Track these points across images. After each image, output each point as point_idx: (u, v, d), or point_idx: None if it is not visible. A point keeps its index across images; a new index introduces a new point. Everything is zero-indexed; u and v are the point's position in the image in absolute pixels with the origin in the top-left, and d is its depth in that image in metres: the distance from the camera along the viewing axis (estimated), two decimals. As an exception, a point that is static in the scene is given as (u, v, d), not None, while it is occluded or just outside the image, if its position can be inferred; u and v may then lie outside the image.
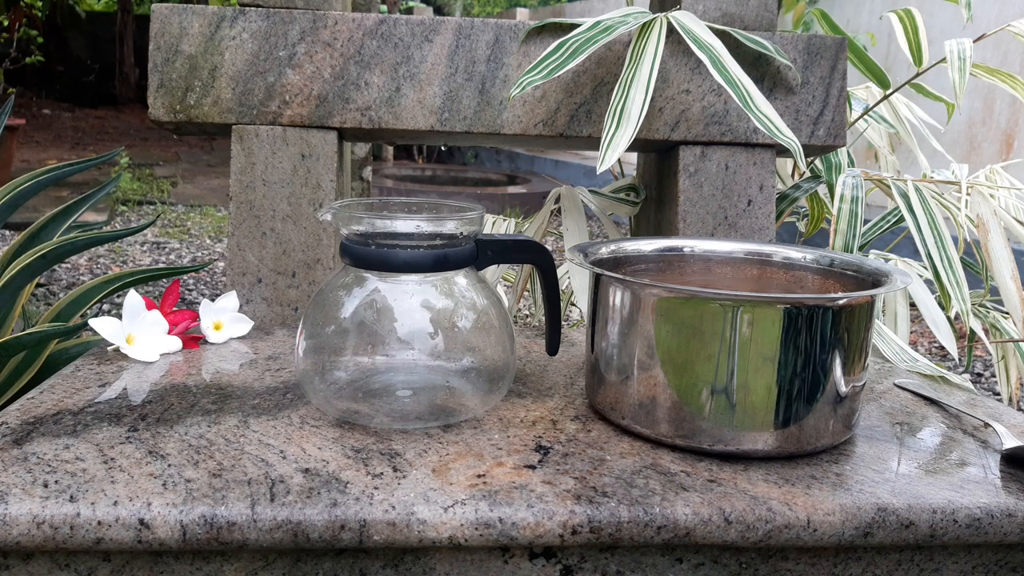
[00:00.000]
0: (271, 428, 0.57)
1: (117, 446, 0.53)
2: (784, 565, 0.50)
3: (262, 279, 0.91)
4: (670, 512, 0.48)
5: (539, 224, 1.07)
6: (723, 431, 0.54)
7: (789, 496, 0.50)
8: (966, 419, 0.66)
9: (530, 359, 0.77)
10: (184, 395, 0.63)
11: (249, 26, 0.90)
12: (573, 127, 0.93)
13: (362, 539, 0.46)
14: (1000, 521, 0.50)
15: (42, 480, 0.48)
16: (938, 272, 0.91)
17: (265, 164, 0.91)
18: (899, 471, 0.55)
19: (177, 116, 0.90)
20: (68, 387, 0.64)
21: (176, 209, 3.90)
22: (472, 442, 0.56)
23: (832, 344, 0.54)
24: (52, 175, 1.02)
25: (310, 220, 0.91)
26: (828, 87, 0.96)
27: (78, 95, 8.43)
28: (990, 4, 3.06)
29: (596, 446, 0.57)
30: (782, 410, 0.54)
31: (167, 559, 0.47)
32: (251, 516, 0.46)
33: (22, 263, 0.89)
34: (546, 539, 0.47)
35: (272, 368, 0.71)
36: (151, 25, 0.90)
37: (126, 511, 0.45)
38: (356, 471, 0.51)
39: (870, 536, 0.49)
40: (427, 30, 0.92)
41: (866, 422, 0.63)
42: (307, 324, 0.59)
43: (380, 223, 0.57)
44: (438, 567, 0.48)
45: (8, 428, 0.56)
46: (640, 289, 0.57)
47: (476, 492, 0.49)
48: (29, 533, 0.45)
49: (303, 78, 0.90)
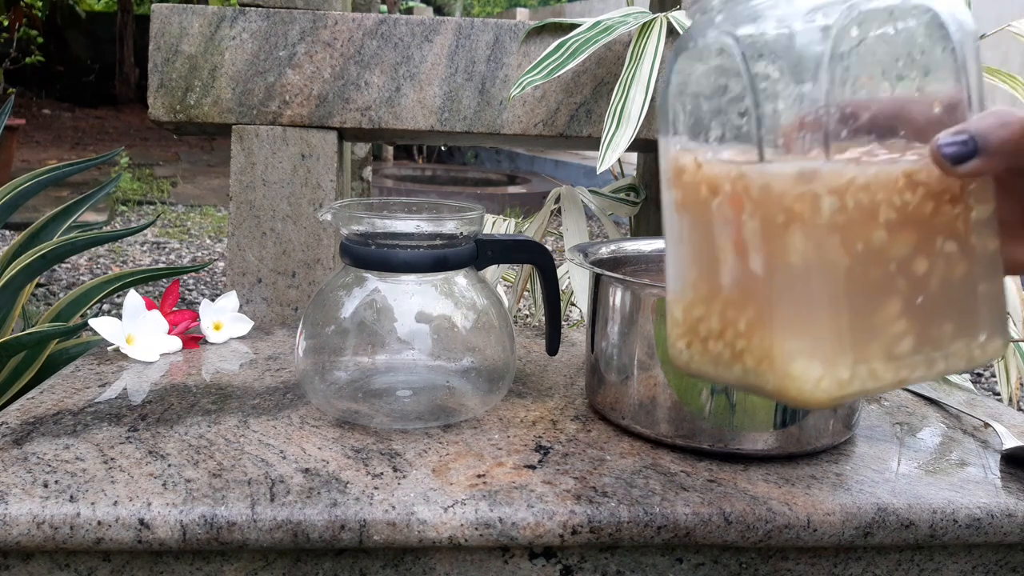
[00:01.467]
0: (271, 428, 0.57)
1: (117, 446, 0.53)
2: (784, 565, 0.50)
3: (262, 279, 0.91)
4: (670, 512, 0.48)
5: (539, 224, 1.07)
6: (723, 431, 0.54)
7: (789, 496, 0.50)
8: (966, 419, 0.66)
9: (530, 359, 0.77)
10: (184, 395, 0.63)
11: (249, 26, 0.90)
12: (573, 127, 0.93)
13: (362, 539, 0.46)
14: (1000, 521, 0.50)
15: (42, 480, 0.48)
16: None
17: (265, 164, 0.91)
18: (899, 471, 0.55)
19: (177, 116, 0.90)
20: (68, 387, 0.64)
21: (176, 209, 3.91)
22: (472, 442, 0.56)
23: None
24: (52, 175, 1.02)
25: (310, 220, 0.91)
26: (828, 87, 0.96)
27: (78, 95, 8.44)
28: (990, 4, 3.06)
29: (596, 446, 0.57)
30: (782, 410, 0.54)
31: (167, 559, 0.47)
32: (251, 516, 0.46)
33: (22, 263, 0.89)
34: (546, 539, 0.47)
35: (272, 368, 0.71)
36: (151, 25, 0.90)
37: (126, 511, 0.45)
38: (356, 471, 0.51)
39: (870, 536, 0.49)
40: (427, 30, 0.92)
41: (866, 422, 0.63)
42: (307, 324, 0.59)
43: (380, 223, 0.57)
44: (438, 567, 0.48)
45: (8, 428, 0.56)
46: (640, 289, 0.57)
47: (476, 492, 0.49)
48: (29, 533, 0.45)
49: (303, 78, 0.90)
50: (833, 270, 0.35)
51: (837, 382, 0.35)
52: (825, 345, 0.35)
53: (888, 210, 0.35)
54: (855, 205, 0.34)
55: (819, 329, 0.35)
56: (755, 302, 0.37)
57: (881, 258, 0.36)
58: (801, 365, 0.35)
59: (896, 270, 0.36)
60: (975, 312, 0.38)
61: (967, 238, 0.37)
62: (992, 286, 0.38)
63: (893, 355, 0.36)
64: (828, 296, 0.35)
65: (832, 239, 0.34)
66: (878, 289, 0.36)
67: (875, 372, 0.36)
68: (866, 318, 0.36)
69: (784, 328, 0.35)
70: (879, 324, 0.36)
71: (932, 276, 0.37)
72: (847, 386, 0.35)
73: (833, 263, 0.35)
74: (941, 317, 0.37)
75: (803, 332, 0.35)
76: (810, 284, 0.35)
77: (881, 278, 0.36)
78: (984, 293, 0.38)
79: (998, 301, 0.39)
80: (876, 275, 0.36)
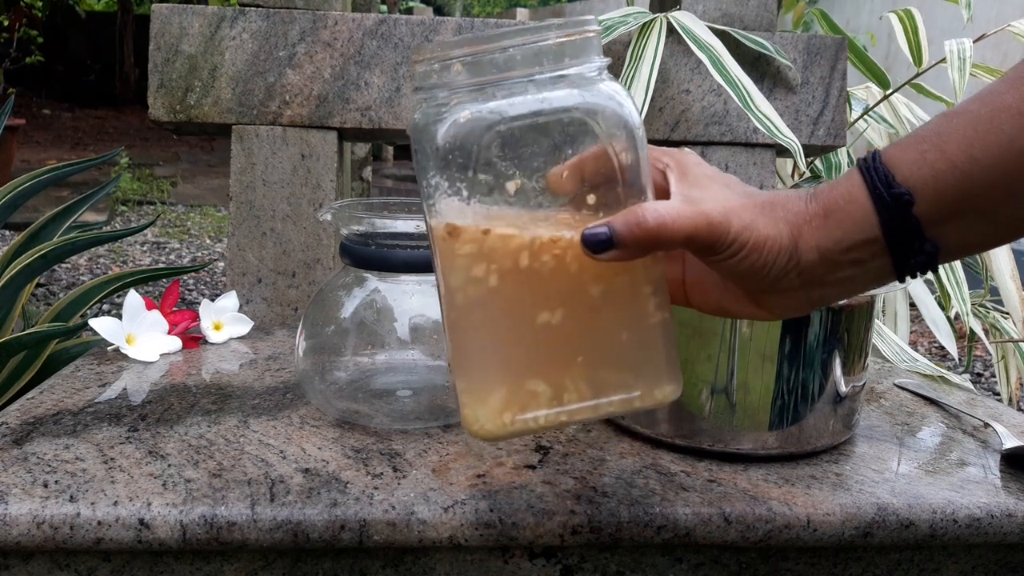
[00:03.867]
0: (271, 428, 0.57)
1: (117, 446, 0.53)
2: (784, 565, 0.50)
3: (262, 279, 0.91)
4: (670, 512, 0.48)
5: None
6: (723, 431, 0.54)
7: (789, 496, 0.50)
8: (966, 419, 0.66)
9: (530, 359, 0.77)
10: (184, 395, 0.63)
11: (249, 26, 0.90)
12: (573, 127, 0.93)
13: (362, 539, 0.46)
14: (1000, 521, 0.50)
15: (42, 480, 0.48)
16: (938, 272, 0.91)
17: (265, 164, 0.91)
18: (899, 471, 0.55)
19: (177, 116, 0.90)
20: (68, 387, 0.64)
21: (176, 209, 3.91)
22: (472, 442, 0.56)
23: (832, 344, 0.54)
24: (52, 175, 1.02)
25: (310, 220, 0.91)
26: (828, 87, 0.96)
27: (78, 95, 8.43)
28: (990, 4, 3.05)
29: (596, 446, 0.57)
30: (782, 410, 0.54)
31: (167, 559, 0.47)
32: (251, 516, 0.46)
33: (22, 263, 0.89)
34: (546, 539, 0.47)
35: (272, 368, 0.71)
36: (151, 25, 0.90)
37: (126, 511, 0.45)
38: (356, 471, 0.51)
39: (870, 536, 0.49)
40: (427, 30, 0.92)
41: (866, 422, 0.63)
42: (307, 324, 0.59)
43: (380, 223, 0.57)
44: (438, 567, 0.48)
45: (8, 428, 0.56)
46: (640, 289, 0.57)
47: (476, 492, 0.49)
48: (29, 533, 0.45)
49: (303, 78, 0.90)
50: (501, 326, 0.40)
51: (496, 424, 0.40)
52: (482, 390, 0.40)
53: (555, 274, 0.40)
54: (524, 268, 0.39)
55: (477, 375, 0.40)
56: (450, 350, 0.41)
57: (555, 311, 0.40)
58: (467, 406, 0.40)
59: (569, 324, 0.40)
60: (642, 366, 0.42)
61: (626, 302, 0.41)
62: (656, 341, 0.42)
63: (555, 400, 0.40)
64: (495, 350, 0.40)
65: (500, 298, 0.39)
66: (546, 340, 0.40)
67: (534, 417, 0.40)
68: (531, 365, 0.40)
69: (457, 373, 0.41)
70: (533, 372, 0.40)
71: (590, 333, 0.41)
72: (506, 427, 0.40)
73: (501, 320, 0.40)
74: (604, 368, 0.41)
75: (466, 377, 0.40)
76: (482, 341, 0.40)
77: (552, 330, 0.40)
78: (654, 348, 0.42)
79: (668, 353, 0.42)
80: (526, 326, 0.40)
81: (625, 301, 0.41)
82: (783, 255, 0.38)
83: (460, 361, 0.41)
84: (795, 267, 0.38)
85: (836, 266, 0.38)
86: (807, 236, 0.38)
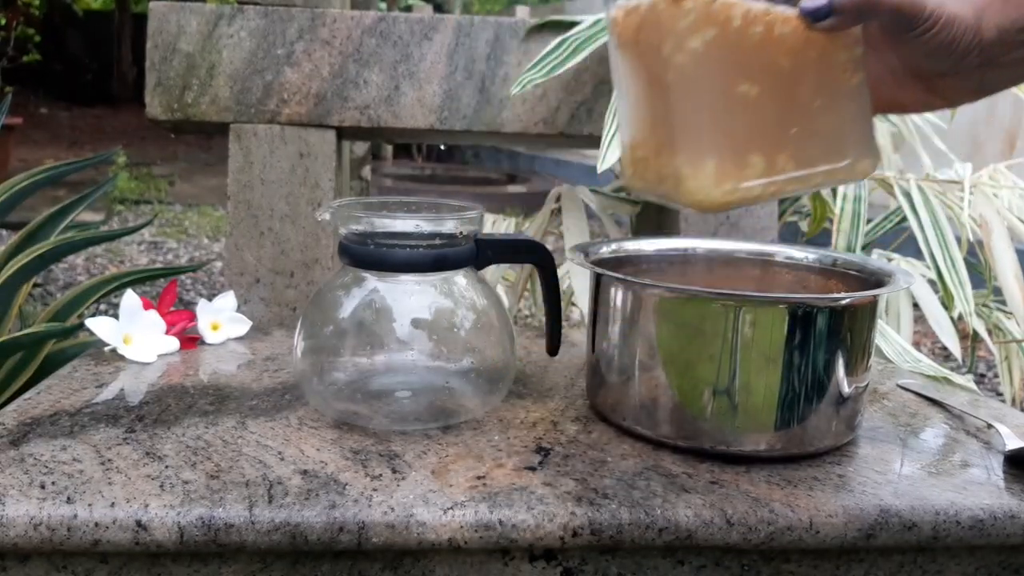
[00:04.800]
0: (269, 429, 0.57)
1: (114, 447, 0.53)
2: (786, 567, 0.50)
3: (260, 279, 0.90)
4: (671, 514, 0.47)
5: (539, 224, 1.07)
6: (725, 432, 0.54)
7: (791, 498, 0.50)
8: (969, 420, 0.65)
9: (530, 360, 0.76)
10: (181, 396, 0.63)
11: (247, 24, 0.89)
12: (573, 125, 0.93)
13: (361, 541, 0.46)
14: (1003, 523, 0.50)
15: (39, 481, 0.48)
16: (941, 272, 0.91)
17: (263, 163, 0.90)
18: (902, 472, 0.54)
19: (175, 115, 0.90)
20: (65, 388, 0.64)
21: (174, 208, 3.90)
22: (472, 444, 0.56)
23: (835, 345, 0.54)
24: (49, 174, 1.02)
25: (308, 219, 0.91)
26: None
27: (75, 94, 8.42)
28: None
29: (597, 448, 0.56)
30: (784, 411, 0.54)
31: (164, 561, 0.47)
32: (249, 518, 0.45)
33: (19, 263, 0.88)
34: (546, 541, 0.47)
35: (270, 369, 0.70)
36: (149, 23, 0.90)
37: (123, 513, 0.45)
38: (355, 473, 0.51)
39: (872, 538, 0.49)
40: (426, 28, 0.91)
41: (869, 423, 0.63)
42: (305, 324, 0.59)
43: (379, 222, 0.56)
44: (437, 569, 0.48)
45: (5, 429, 0.55)
46: (641, 289, 0.57)
47: (476, 494, 0.48)
48: (26, 535, 0.44)
49: (301, 76, 0.90)
50: (712, 93, 0.43)
51: (721, 191, 0.44)
52: (698, 159, 0.44)
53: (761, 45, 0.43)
54: (734, 35, 0.43)
55: (705, 146, 0.44)
56: (665, 129, 0.45)
57: (756, 83, 0.44)
58: (689, 178, 0.44)
59: (771, 96, 0.44)
60: (842, 138, 0.47)
61: (833, 75, 0.46)
62: (856, 113, 0.47)
63: (768, 170, 0.45)
64: (710, 118, 0.44)
65: (711, 65, 0.43)
66: (753, 111, 0.44)
67: (749, 187, 0.44)
68: (744, 136, 0.44)
69: (680, 147, 0.44)
70: (755, 141, 0.44)
71: (805, 104, 0.45)
72: (731, 194, 0.44)
73: (711, 86, 0.43)
74: (810, 140, 0.46)
75: (693, 149, 0.44)
76: (696, 108, 0.43)
77: (755, 101, 0.44)
78: (851, 120, 0.47)
79: (863, 126, 0.48)
80: (750, 97, 0.44)
81: (828, 79, 0.46)
82: (969, 32, 0.44)
83: (677, 132, 0.44)
84: (977, 44, 0.44)
85: (1011, 47, 0.44)
86: (989, 15, 0.44)
